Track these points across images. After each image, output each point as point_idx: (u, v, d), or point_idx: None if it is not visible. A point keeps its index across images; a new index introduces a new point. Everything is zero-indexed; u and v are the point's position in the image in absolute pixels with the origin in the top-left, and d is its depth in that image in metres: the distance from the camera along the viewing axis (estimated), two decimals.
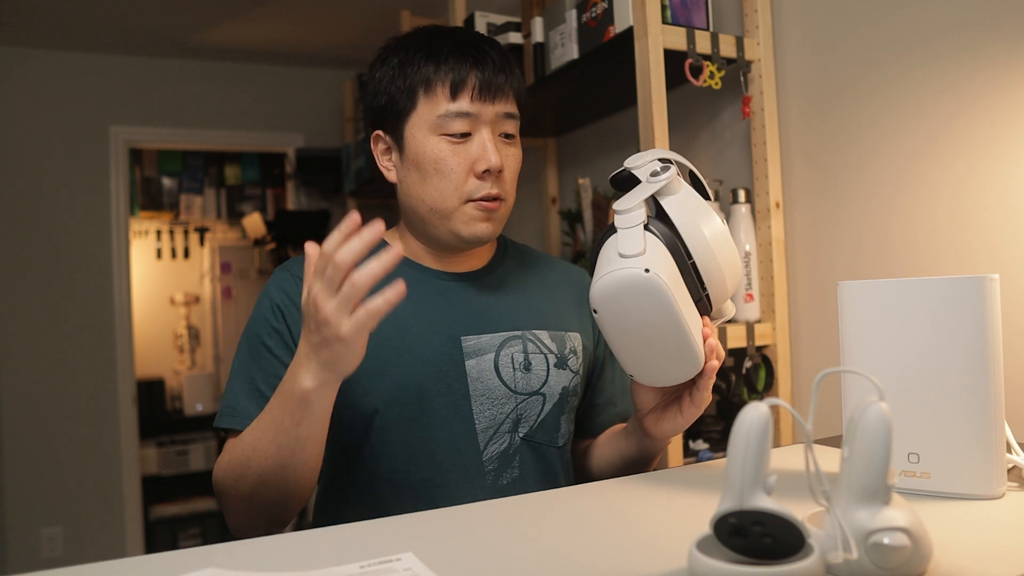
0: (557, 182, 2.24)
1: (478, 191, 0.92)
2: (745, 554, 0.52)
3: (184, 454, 4.14)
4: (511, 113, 0.95)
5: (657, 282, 0.73)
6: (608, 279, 0.75)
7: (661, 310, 0.74)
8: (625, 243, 0.75)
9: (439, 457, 0.92)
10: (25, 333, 3.16)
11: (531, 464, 0.96)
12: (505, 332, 0.97)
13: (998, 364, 0.69)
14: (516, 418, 0.96)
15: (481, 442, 0.94)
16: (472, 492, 0.92)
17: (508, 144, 0.96)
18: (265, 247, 4.09)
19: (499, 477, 0.94)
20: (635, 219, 0.76)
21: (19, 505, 3.10)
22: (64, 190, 3.25)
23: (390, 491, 0.92)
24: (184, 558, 0.62)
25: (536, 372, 0.97)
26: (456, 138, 0.92)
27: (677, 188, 0.79)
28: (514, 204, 1.00)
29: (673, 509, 0.72)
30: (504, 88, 0.93)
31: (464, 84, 0.92)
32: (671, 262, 0.76)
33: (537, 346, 0.98)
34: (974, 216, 1.11)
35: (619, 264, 0.75)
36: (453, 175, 0.92)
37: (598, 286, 0.76)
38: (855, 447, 0.53)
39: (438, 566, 0.58)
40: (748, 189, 1.42)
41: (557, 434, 0.99)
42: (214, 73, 3.53)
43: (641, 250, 0.74)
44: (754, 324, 1.39)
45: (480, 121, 0.93)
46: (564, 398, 0.99)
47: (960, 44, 1.12)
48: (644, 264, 0.74)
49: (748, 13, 1.43)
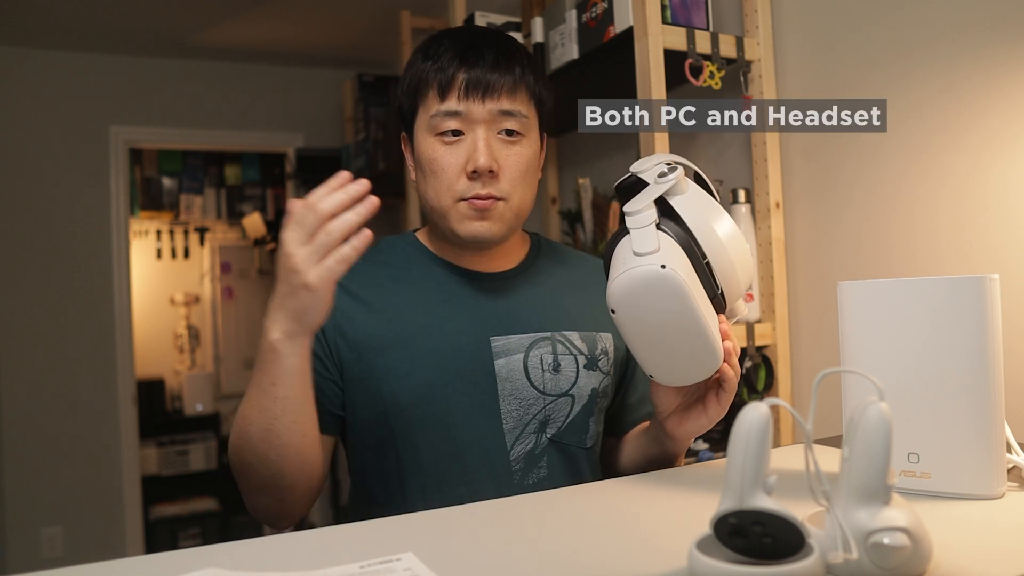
0: (557, 182, 2.24)
1: (468, 191, 0.92)
2: (745, 554, 0.52)
3: (184, 454, 4.14)
4: (510, 111, 0.93)
5: (674, 277, 0.73)
6: (624, 277, 0.75)
7: (679, 306, 0.74)
8: (639, 242, 0.75)
9: (465, 456, 0.92)
10: (25, 333, 3.16)
11: (558, 465, 0.96)
12: (534, 333, 0.97)
13: (998, 364, 0.69)
14: (544, 419, 0.96)
15: (508, 442, 0.94)
16: (499, 492, 0.91)
17: (510, 143, 0.94)
18: (265, 247, 4.09)
19: (525, 477, 0.94)
20: (647, 219, 0.76)
21: (19, 505, 3.10)
22: (64, 190, 3.25)
23: (416, 490, 0.92)
24: (184, 558, 0.62)
25: (565, 373, 0.97)
26: (449, 137, 0.92)
27: (685, 188, 0.80)
28: (532, 201, 0.98)
29: (673, 509, 0.72)
30: (497, 86, 0.92)
31: (451, 84, 0.92)
32: (685, 259, 0.76)
33: (567, 347, 0.98)
34: (974, 216, 1.11)
35: (635, 262, 0.75)
36: (445, 175, 0.93)
37: (615, 286, 0.76)
38: (855, 447, 0.53)
39: (438, 566, 0.58)
40: (748, 189, 1.42)
41: (586, 435, 0.99)
42: (214, 73, 3.53)
43: (656, 247, 0.75)
44: (754, 324, 1.39)
45: (472, 120, 0.92)
46: (593, 400, 0.99)
47: (960, 44, 1.12)
48: (660, 260, 0.74)
49: (748, 13, 1.43)
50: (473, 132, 0.92)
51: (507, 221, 0.95)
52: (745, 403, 0.52)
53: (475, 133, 0.92)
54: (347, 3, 2.94)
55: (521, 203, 0.96)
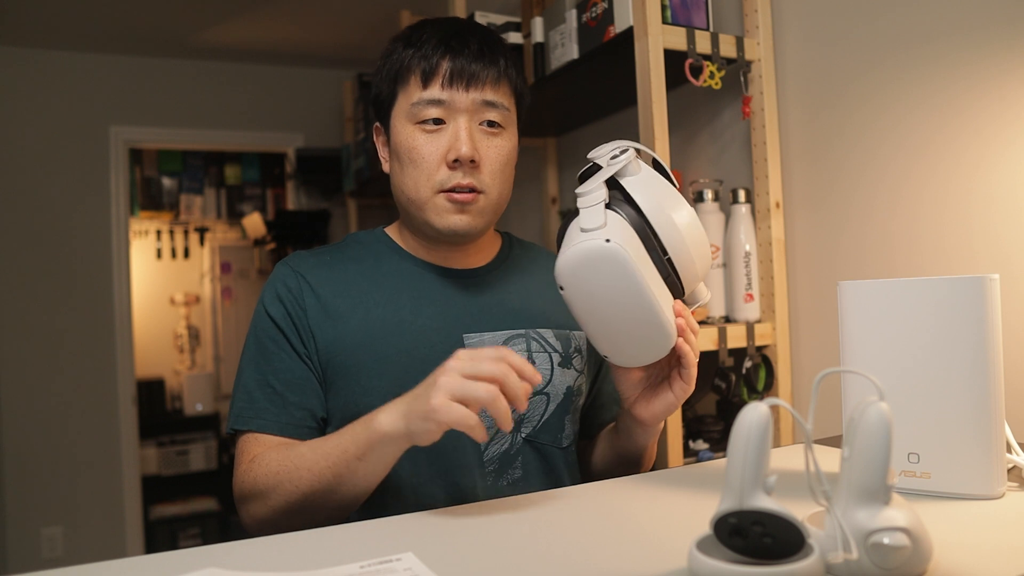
0: (557, 182, 2.24)
1: (449, 181, 0.91)
2: (745, 554, 0.52)
3: (184, 454, 4.14)
4: (493, 101, 0.92)
5: (618, 251, 0.74)
6: (570, 253, 0.76)
7: (625, 280, 0.75)
8: (586, 219, 0.76)
9: (439, 457, 0.92)
10: (25, 333, 3.16)
11: (534, 465, 0.96)
12: (508, 330, 0.97)
13: (998, 364, 0.69)
14: (519, 418, 0.95)
15: (482, 443, 0.93)
16: (473, 492, 0.91)
17: (491, 135, 0.93)
18: (265, 247, 4.09)
19: (500, 478, 0.94)
20: (596, 199, 0.77)
21: (19, 505, 3.10)
22: (64, 190, 3.25)
23: (390, 491, 0.92)
24: (184, 558, 0.62)
25: (540, 371, 0.96)
26: (430, 125, 0.91)
27: (637, 170, 0.81)
28: (508, 198, 0.98)
29: (673, 509, 0.72)
30: (481, 76, 0.91)
31: (435, 71, 0.91)
32: (635, 238, 0.77)
33: (541, 344, 0.98)
34: (975, 216, 1.11)
35: (580, 238, 0.76)
36: (425, 164, 0.91)
37: (561, 262, 0.77)
38: (855, 447, 0.53)
39: (438, 566, 0.58)
40: (748, 189, 1.42)
41: (561, 434, 0.98)
42: (214, 73, 3.53)
43: (602, 224, 0.76)
44: (754, 324, 1.39)
45: (454, 109, 0.91)
46: (568, 398, 0.98)
47: (960, 43, 1.12)
48: (604, 235, 0.75)
49: (748, 13, 1.43)
50: (455, 121, 0.91)
51: (486, 215, 0.94)
52: (745, 403, 0.52)
53: (457, 122, 0.91)
54: (347, 3, 2.94)
55: (500, 197, 0.95)
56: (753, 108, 1.42)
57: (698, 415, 1.51)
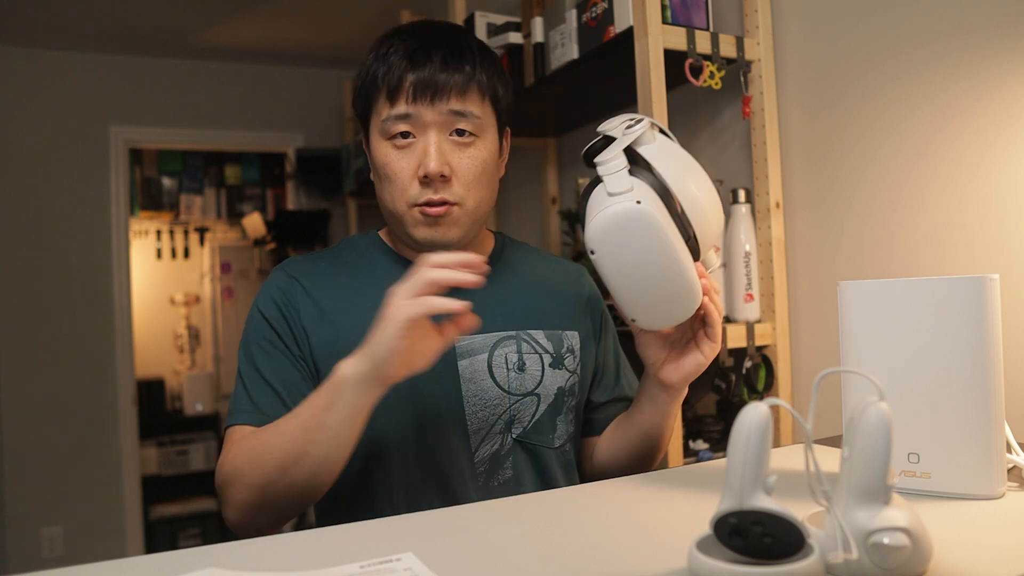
0: (557, 182, 2.24)
1: (421, 196, 0.90)
2: (745, 554, 0.52)
3: (184, 454, 4.14)
4: (461, 111, 0.90)
5: (651, 212, 0.76)
6: (602, 215, 0.78)
7: (656, 241, 0.77)
8: (612, 184, 0.78)
9: (430, 459, 0.92)
10: (25, 333, 3.16)
11: (525, 465, 0.96)
12: (499, 332, 0.97)
13: (998, 364, 0.69)
14: (509, 419, 0.95)
15: (473, 444, 0.93)
16: (465, 493, 0.92)
17: (463, 145, 0.92)
18: (265, 247, 4.09)
19: (491, 478, 0.94)
20: (618, 165, 0.79)
21: (19, 505, 3.10)
22: (64, 190, 3.25)
23: (382, 492, 0.92)
24: (184, 558, 0.62)
25: (530, 372, 0.96)
26: (400, 140, 0.91)
27: (652, 138, 0.83)
28: (491, 203, 0.97)
29: (673, 509, 0.72)
30: (446, 86, 0.89)
31: (400, 86, 0.89)
32: (659, 201, 0.79)
33: (532, 346, 0.98)
34: (974, 216, 1.11)
35: (610, 202, 0.77)
36: (398, 180, 0.91)
37: (593, 225, 0.78)
38: (855, 447, 0.53)
39: (438, 566, 0.58)
40: (748, 189, 1.42)
41: (553, 435, 0.98)
42: (214, 73, 3.53)
43: (629, 187, 0.77)
44: (754, 324, 1.39)
45: (422, 123, 0.90)
46: (560, 399, 0.98)
47: (960, 43, 1.12)
48: (635, 197, 0.77)
49: (748, 13, 1.43)
50: (424, 136, 0.90)
51: (463, 226, 0.93)
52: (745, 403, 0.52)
53: (426, 137, 0.90)
54: (347, 3, 2.94)
55: (477, 206, 0.94)
56: (753, 108, 1.42)
57: (698, 415, 1.51)
